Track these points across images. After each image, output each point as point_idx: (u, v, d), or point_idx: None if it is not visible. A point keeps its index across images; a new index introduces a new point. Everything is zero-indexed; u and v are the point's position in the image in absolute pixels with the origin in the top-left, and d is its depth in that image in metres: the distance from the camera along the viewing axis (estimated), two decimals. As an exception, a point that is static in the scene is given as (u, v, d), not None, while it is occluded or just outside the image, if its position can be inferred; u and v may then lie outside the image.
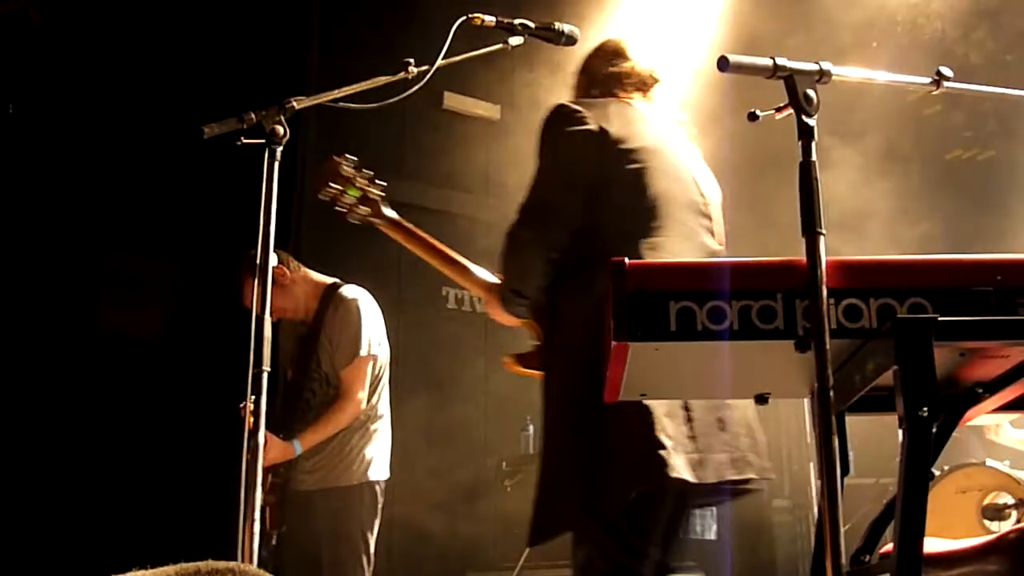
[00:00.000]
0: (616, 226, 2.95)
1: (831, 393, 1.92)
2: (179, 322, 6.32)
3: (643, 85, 3.27)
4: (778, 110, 2.19)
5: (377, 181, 3.50)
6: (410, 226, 3.59)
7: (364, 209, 3.52)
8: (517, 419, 7.10)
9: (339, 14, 6.91)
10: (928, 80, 2.46)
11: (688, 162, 3.18)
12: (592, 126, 3.01)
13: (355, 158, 3.50)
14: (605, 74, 3.27)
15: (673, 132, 3.24)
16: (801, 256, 2.02)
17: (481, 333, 7.32)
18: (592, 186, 2.96)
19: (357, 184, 3.48)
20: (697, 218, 3.09)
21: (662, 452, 2.69)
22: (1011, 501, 5.30)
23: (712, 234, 3.14)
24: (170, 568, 1.63)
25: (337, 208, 3.52)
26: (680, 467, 2.70)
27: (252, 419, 2.70)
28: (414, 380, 6.41)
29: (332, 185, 3.48)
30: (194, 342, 6.11)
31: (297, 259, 4.79)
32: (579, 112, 3.04)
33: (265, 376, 2.69)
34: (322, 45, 6.73)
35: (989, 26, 6.80)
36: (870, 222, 6.66)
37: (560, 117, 3.07)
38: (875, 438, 5.71)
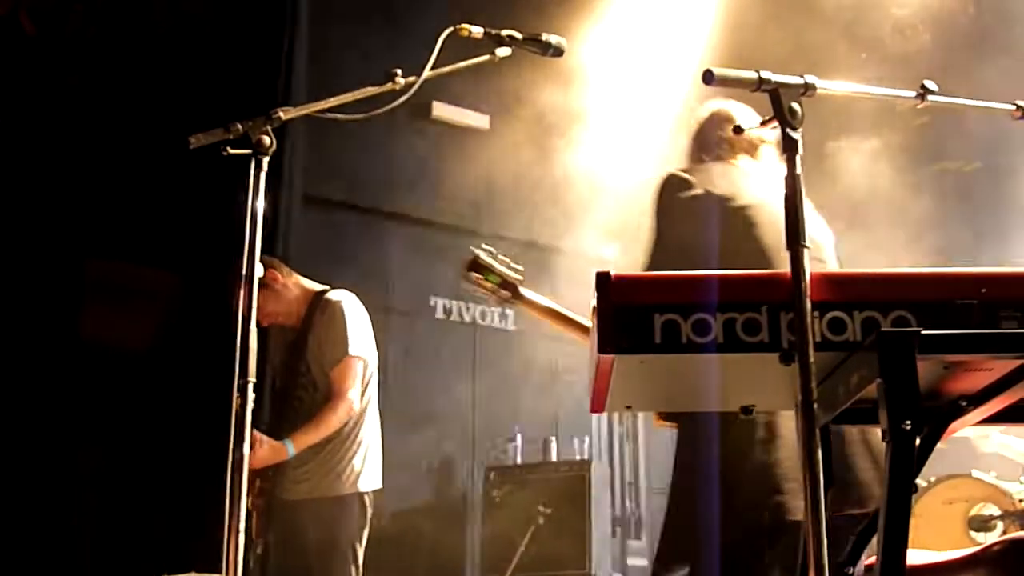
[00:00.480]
0: None
1: (815, 406, 1.93)
2: (167, 330, 6.30)
3: (752, 149, 3.56)
4: (763, 123, 2.19)
5: (514, 265, 3.81)
6: (548, 304, 3.86)
7: (505, 293, 3.82)
8: (505, 430, 7.11)
9: (327, 24, 6.92)
10: (913, 94, 2.47)
11: None
12: (699, 191, 3.30)
13: (492, 248, 3.84)
14: (716, 140, 3.55)
15: (778, 185, 3.39)
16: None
17: (469, 343, 7.33)
18: (704, 244, 3.21)
19: (496, 271, 3.78)
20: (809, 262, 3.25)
21: (779, 498, 2.92)
22: (997, 512, 5.32)
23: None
24: (154, 580, 1.63)
25: (480, 294, 3.84)
26: (798, 509, 2.87)
27: (235, 422, 2.69)
28: (402, 390, 6.40)
29: (474, 274, 3.81)
30: (182, 351, 6.09)
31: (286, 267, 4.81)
32: (686, 179, 3.35)
33: (251, 386, 2.67)
34: (310, 55, 6.73)
35: (974, 39, 6.84)
36: (858, 230, 6.67)
37: (670, 185, 3.38)
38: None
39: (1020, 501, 5.30)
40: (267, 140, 2.77)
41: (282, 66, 6.49)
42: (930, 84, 2.47)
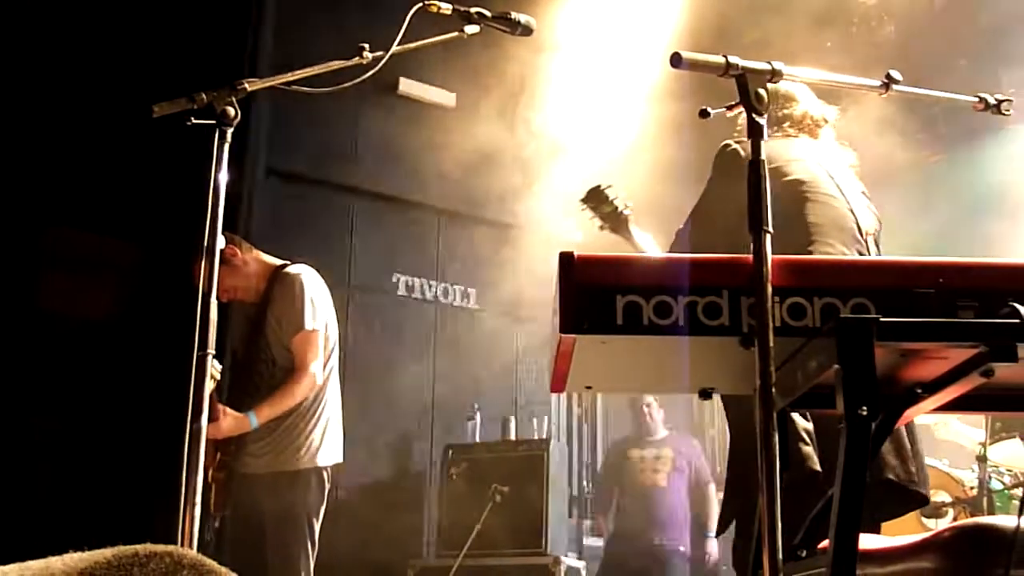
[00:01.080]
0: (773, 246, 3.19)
1: (773, 390, 1.94)
2: (127, 301, 6.25)
3: (814, 127, 3.71)
4: (729, 108, 2.20)
5: (628, 204, 4.04)
6: (645, 246, 4.03)
7: (613, 222, 4.03)
8: (464, 408, 7.12)
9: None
10: (878, 83, 2.49)
11: (846, 193, 3.52)
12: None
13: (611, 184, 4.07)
14: (776, 117, 3.66)
15: (833, 166, 3.59)
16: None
17: (431, 321, 7.32)
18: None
19: (611, 203, 4.01)
20: (850, 242, 3.37)
21: (804, 447, 3.01)
22: (948, 499, 5.39)
23: (864, 256, 3.43)
24: (107, 551, 1.61)
25: (592, 219, 4.08)
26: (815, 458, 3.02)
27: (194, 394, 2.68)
28: (362, 366, 6.39)
29: (589, 203, 4.06)
30: (143, 322, 6.05)
31: (247, 242, 4.78)
32: (738, 151, 3.42)
33: (210, 358, 2.66)
34: (276, 26, 6.68)
35: (942, 30, 6.89)
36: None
37: (722, 157, 3.49)
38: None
39: (971, 488, 5.37)
40: (231, 111, 2.75)
41: (248, 36, 6.43)
42: (895, 74, 2.48)
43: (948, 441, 6.14)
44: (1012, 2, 7.00)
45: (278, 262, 4.74)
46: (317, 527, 4.47)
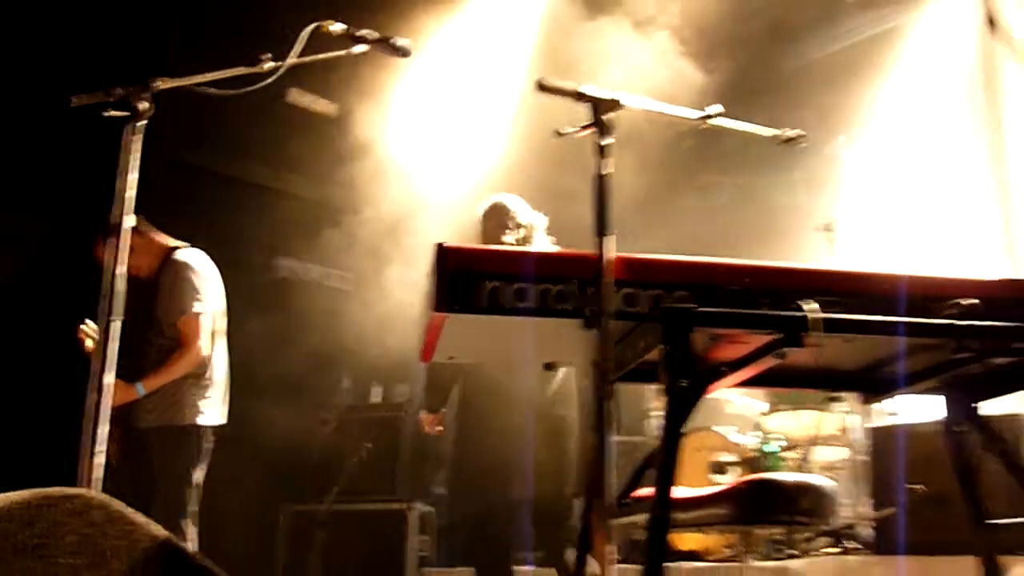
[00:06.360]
0: None
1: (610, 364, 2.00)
2: (28, 272, 5.94)
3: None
4: (582, 128, 2.25)
5: None
6: None
7: None
8: (337, 375, 7.12)
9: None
10: (701, 113, 2.58)
11: None
12: None
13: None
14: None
15: None
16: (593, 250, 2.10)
17: (310, 300, 7.23)
18: None
19: None
20: None
21: None
22: (732, 459, 5.63)
23: None
24: (25, 492, 1.55)
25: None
26: None
27: (99, 354, 2.57)
28: (246, 339, 6.24)
29: None
30: (44, 291, 5.76)
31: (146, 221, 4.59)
32: None
33: (118, 324, 2.56)
34: (183, 29, 6.49)
35: (755, 61, 7.04)
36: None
37: None
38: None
39: (752, 450, 5.62)
40: (145, 106, 2.65)
41: (156, 34, 6.22)
42: (714, 108, 2.57)
43: (734, 414, 6.39)
44: (806, 52, 7.23)
45: (172, 243, 4.58)
46: (199, 477, 4.36)
